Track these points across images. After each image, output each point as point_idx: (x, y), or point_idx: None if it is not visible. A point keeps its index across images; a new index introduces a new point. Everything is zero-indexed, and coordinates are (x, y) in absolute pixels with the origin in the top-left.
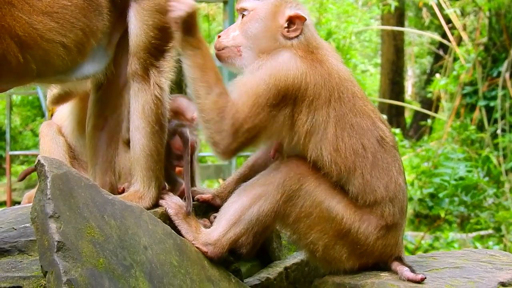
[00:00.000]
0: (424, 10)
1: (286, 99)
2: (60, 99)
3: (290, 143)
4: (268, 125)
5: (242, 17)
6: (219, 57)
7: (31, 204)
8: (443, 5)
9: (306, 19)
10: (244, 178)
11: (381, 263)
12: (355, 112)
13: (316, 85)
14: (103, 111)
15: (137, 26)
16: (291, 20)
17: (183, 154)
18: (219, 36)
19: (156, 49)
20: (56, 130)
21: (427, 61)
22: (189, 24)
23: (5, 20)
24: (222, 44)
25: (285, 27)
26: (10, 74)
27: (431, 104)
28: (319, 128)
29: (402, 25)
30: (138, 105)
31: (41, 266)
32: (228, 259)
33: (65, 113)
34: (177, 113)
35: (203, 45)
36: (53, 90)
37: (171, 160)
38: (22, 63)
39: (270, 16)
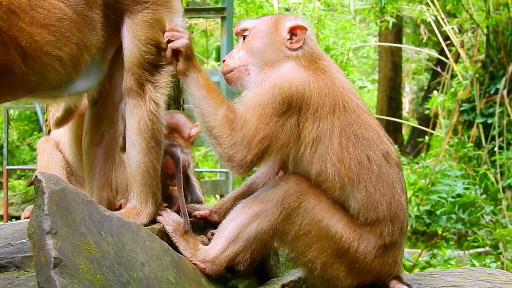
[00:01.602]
0: (422, 27)
1: (292, 108)
2: (63, 121)
3: (296, 155)
4: (278, 134)
5: (244, 38)
6: (228, 80)
7: (28, 219)
8: (441, 22)
9: (307, 29)
10: (242, 196)
11: (379, 281)
12: (360, 123)
13: (320, 93)
14: (99, 127)
15: (130, 41)
16: (292, 32)
17: (175, 173)
18: (223, 61)
19: (151, 64)
20: (54, 146)
21: (425, 77)
22: (189, 49)
23: (12, 30)
24: (230, 66)
25: (288, 39)
26: (12, 85)
27: (428, 120)
28: (324, 138)
29: (399, 41)
30: (133, 121)
31: (38, 282)
32: (226, 276)
33: (62, 129)
34: (174, 130)
35: (201, 68)
36: (56, 113)
37: (164, 179)
38: (25, 74)
39: (272, 29)
